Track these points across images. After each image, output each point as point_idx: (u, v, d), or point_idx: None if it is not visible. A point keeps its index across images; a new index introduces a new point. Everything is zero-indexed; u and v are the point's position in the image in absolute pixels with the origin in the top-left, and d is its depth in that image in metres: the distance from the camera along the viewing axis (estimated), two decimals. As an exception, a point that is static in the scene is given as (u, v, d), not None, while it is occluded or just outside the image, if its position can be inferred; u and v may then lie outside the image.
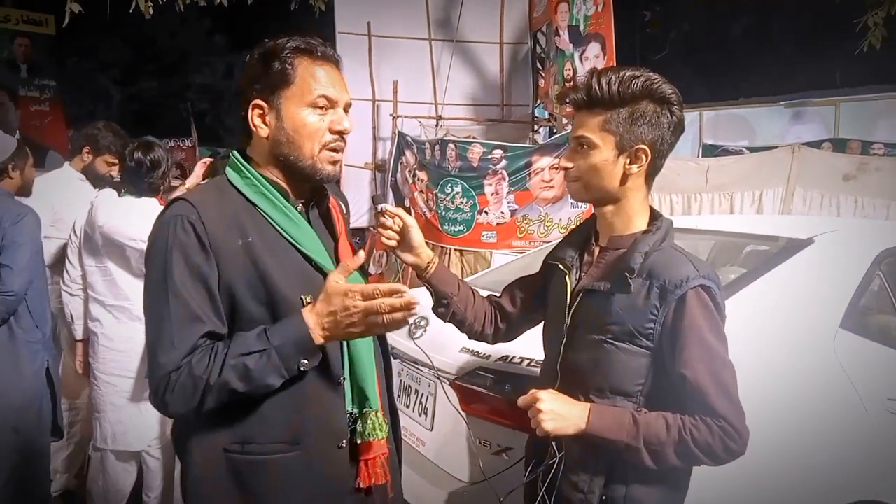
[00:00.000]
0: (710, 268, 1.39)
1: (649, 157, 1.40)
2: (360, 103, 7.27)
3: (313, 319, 1.24)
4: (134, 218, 2.64)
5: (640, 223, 1.46)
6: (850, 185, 5.04)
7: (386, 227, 1.54)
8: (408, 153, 6.65)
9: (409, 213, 6.02)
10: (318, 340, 1.25)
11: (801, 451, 1.87)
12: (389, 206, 1.54)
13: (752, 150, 6.52)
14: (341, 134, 1.35)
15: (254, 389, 1.24)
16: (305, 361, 1.25)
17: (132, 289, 2.70)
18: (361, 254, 1.34)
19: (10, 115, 8.45)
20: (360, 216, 7.52)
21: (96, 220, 2.70)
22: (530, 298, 1.67)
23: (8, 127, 7.85)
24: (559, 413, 1.35)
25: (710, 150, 7.22)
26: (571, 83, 5.49)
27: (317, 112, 1.32)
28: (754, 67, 9.37)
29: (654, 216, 1.47)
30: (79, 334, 2.94)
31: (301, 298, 1.29)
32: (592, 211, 1.56)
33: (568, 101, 1.44)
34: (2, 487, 2.45)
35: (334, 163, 1.37)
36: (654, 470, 1.35)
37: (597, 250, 1.51)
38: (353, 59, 7.22)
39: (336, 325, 1.24)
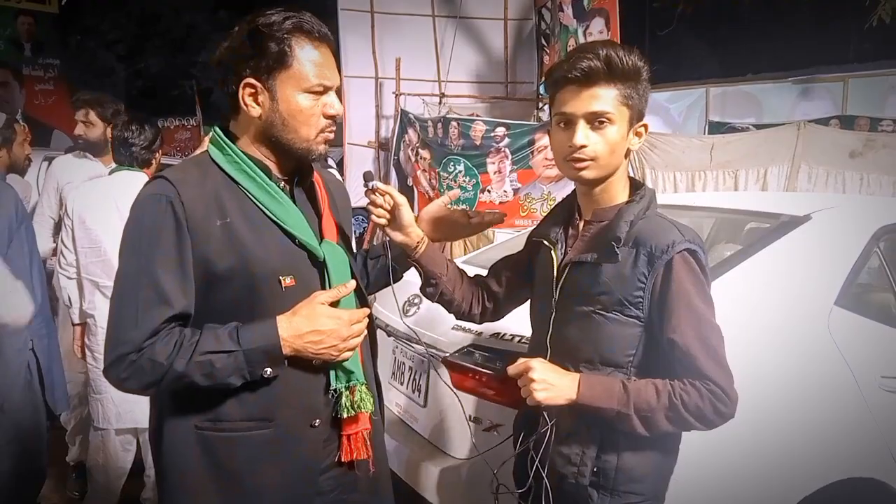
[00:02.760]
0: (694, 233, 1.38)
1: (647, 131, 1.42)
2: (363, 81, 7.22)
3: (287, 330, 1.26)
4: (112, 208, 2.68)
5: (622, 195, 1.45)
6: (857, 162, 4.98)
7: (376, 205, 1.52)
8: (410, 131, 6.62)
9: (413, 192, 5.95)
10: (287, 352, 1.26)
11: (794, 428, 1.87)
12: (380, 183, 1.52)
13: (759, 127, 6.43)
14: (334, 119, 1.35)
15: (213, 385, 1.24)
16: (270, 370, 1.27)
17: None
18: (353, 282, 1.35)
19: (15, 94, 8.45)
20: (363, 195, 7.50)
21: (77, 216, 2.75)
22: (516, 277, 1.67)
23: (12, 106, 7.85)
24: (551, 383, 1.34)
25: (716, 128, 7.12)
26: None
27: (311, 97, 1.31)
28: (763, 43, 9.22)
29: (636, 186, 1.47)
30: (76, 318, 2.95)
31: (279, 280, 1.30)
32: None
33: (582, 70, 1.34)
34: None
35: (327, 141, 1.37)
36: (644, 439, 1.35)
37: (581, 224, 1.50)
38: (355, 36, 7.16)
39: (317, 345, 1.28)
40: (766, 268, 2.04)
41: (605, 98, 1.35)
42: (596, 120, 1.36)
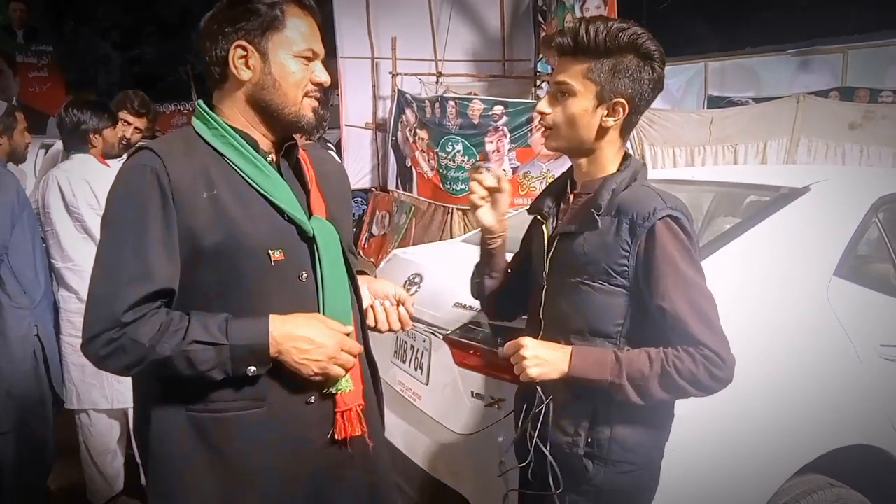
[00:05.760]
0: (677, 200, 1.39)
1: (626, 112, 1.40)
2: (359, 62, 7.18)
3: (279, 328, 1.23)
4: (58, 191, 2.73)
5: (612, 167, 1.46)
6: (856, 134, 4.96)
7: (482, 185, 1.53)
8: (408, 112, 6.59)
9: (412, 173, 5.93)
10: (273, 353, 1.23)
11: (793, 397, 1.88)
12: (493, 165, 1.54)
13: (759, 100, 6.39)
14: (321, 86, 1.35)
15: (194, 377, 1.21)
16: (254, 369, 1.24)
17: (77, 251, 2.74)
18: (351, 327, 1.35)
19: (9, 81, 8.39)
20: (362, 176, 7.49)
21: (41, 199, 2.79)
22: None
23: (7, 94, 7.80)
24: (543, 358, 1.35)
25: (715, 102, 7.08)
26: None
27: (301, 62, 1.32)
28: (761, 16, 9.16)
29: (625, 158, 1.48)
30: None
31: (268, 254, 1.27)
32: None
33: (553, 45, 1.42)
34: (3, 451, 2.51)
35: (314, 109, 1.36)
36: (637, 410, 1.36)
37: (571, 197, 1.52)
38: (350, 17, 7.11)
39: (302, 353, 1.25)
40: (765, 240, 2.04)
41: (569, 70, 1.40)
42: (559, 91, 1.42)
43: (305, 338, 1.25)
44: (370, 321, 1.52)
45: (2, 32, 8.61)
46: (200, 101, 1.36)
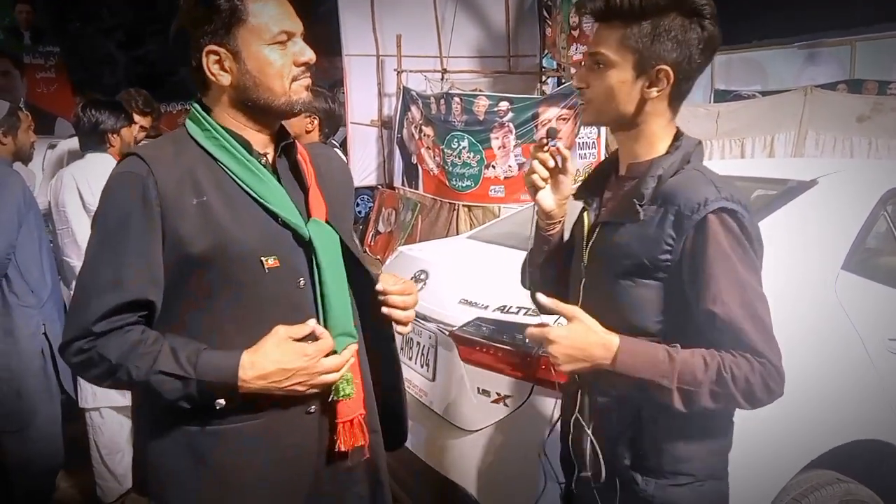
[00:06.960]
0: (734, 188, 1.22)
1: (672, 80, 1.23)
2: (364, 59, 7.17)
3: (249, 370, 1.18)
4: (76, 190, 2.78)
5: (661, 148, 1.30)
6: (864, 127, 4.91)
7: (544, 163, 1.40)
8: (413, 109, 6.58)
9: (417, 170, 5.92)
10: (244, 391, 1.19)
11: (801, 392, 1.86)
12: (562, 145, 1.41)
13: (765, 94, 6.35)
14: (306, 65, 1.27)
15: (164, 403, 1.19)
16: (222, 402, 1.20)
17: None
18: (312, 321, 1.26)
19: (16, 83, 8.43)
20: (368, 174, 7.50)
21: (53, 197, 2.86)
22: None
23: (14, 95, 7.83)
24: (571, 355, 1.21)
25: (721, 96, 7.04)
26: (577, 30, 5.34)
27: (277, 48, 1.23)
28: (767, 8, 9.09)
29: (677, 137, 1.31)
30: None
31: (260, 261, 1.22)
32: (601, 159, 1.47)
33: (585, 10, 1.33)
34: (13, 450, 2.53)
35: (307, 87, 1.29)
36: (687, 416, 1.21)
37: (616, 181, 1.38)
38: (355, 14, 7.11)
39: (282, 383, 1.20)
40: (772, 233, 2.01)
41: (604, 38, 1.25)
42: (594, 61, 1.27)
43: (278, 370, 1.20)
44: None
45: (8, 34, 8.64)
46: (195, 103, 1.30)
